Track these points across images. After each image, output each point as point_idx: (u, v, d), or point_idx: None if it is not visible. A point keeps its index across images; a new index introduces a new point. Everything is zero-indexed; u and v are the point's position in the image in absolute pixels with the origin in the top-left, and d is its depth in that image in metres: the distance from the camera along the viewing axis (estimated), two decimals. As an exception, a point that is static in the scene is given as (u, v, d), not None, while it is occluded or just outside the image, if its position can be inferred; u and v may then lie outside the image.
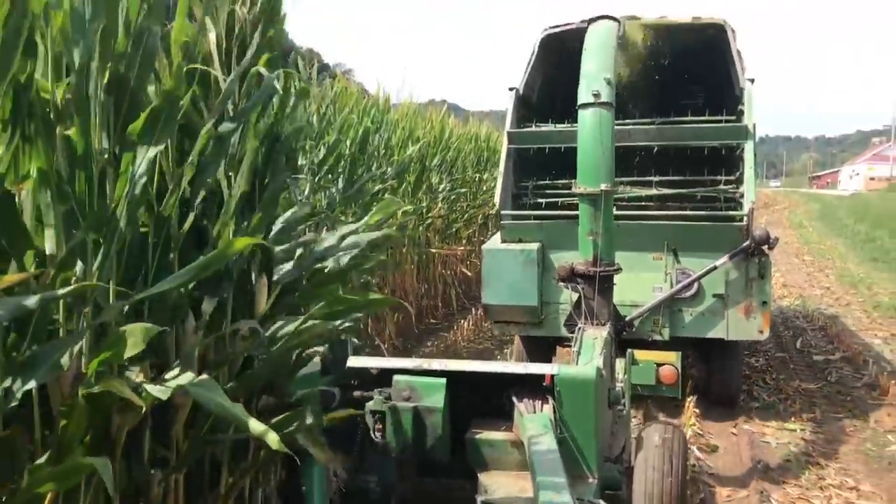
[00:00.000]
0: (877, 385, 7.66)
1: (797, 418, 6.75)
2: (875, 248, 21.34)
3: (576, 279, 4.90)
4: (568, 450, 3.33)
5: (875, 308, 12.33)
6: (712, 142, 6.80)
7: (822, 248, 22.50)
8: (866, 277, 15.85)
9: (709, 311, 6.32)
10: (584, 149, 4.90)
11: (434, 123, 12.06)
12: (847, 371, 8.32)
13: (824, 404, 7.18)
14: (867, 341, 9.78)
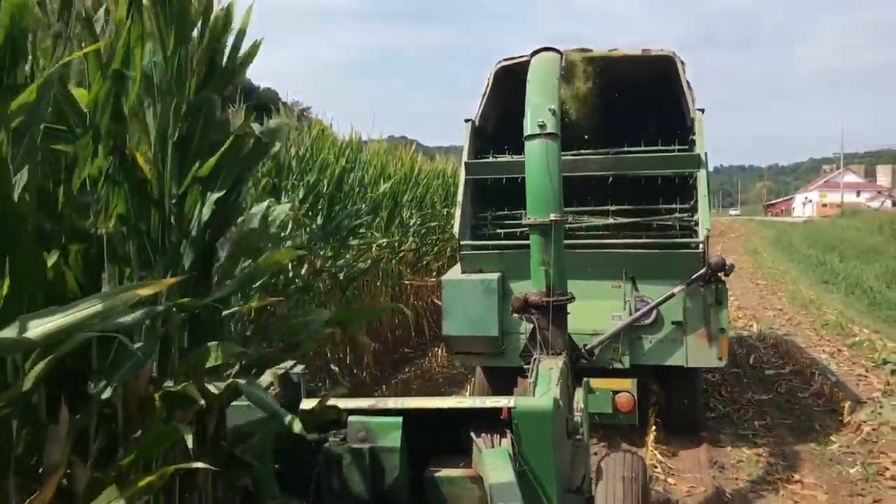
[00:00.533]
0: (822, 394, 8.33)
1: (749, 425, 7.35)
2: (826, 272, 22.33)
3: (529, 310, 4.91)
4: (528, 483, 3.33)
5: (823, 326, 13.10)
6: (666, 171, 6.94)
7: (776, 272, 23.44)
8: (816, 299, 16.69)
9: (668, 339, 6.36)
10: (532, 179, 4.96)
11: (404, 161, 12.66)
12: (796, 383, 8.98)
13: (775, 412, 7.81)
14: (815, 356, 10.49)
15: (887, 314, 14.14)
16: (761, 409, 7.87)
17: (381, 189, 10.41)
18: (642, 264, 6.44)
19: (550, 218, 4.82)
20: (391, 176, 11.30)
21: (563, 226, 4.97)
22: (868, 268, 21.31)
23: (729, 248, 34.82)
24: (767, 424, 7.37)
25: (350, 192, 9.62)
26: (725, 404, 8.07)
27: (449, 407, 3.65)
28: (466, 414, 3.56)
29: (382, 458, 3.40)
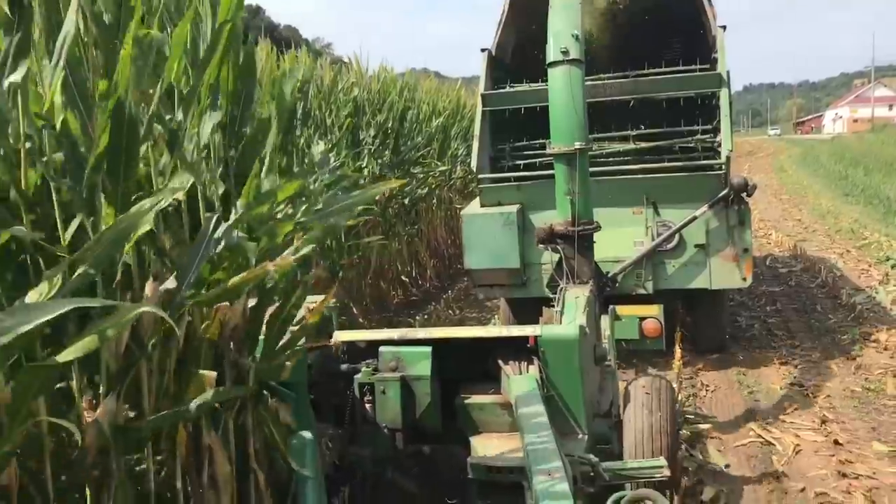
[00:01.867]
0: (826, 284, 9.69)
1: (762, 310, 8.76)
2: (847, 185, 23.34)
3: (555, 240, 4.90)
4: (556, 408, 3.41)
5: (837, 232, 14.37)
6: (687, 92, 6.86)
7: (800, 187, 24.49)
8: (835, 210, 17.86)
9: (691, 262, 6.39)
10: (556, 107, 4.87)
11: (451, 98, 13.95)
12: (805, 277, 10.35)
13: (784, 300, 9.20)
14: (825, 257, 11.79)
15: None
16: (773, 298, 9.25)
17: (434, 124, 11.74)
18: (663, 189, 6.41)
19: (575, 146, 4.74)
20: (441, 112, 12.61)
21: (587, 154, 4.90)
22: (889, 179, 22.24)
23: (756, 166, 35.73)
24: (777, 308, 8.77)
25: (411, 127, 10.97)
26: (742, 294, 9.45)
27: (476, 336, 3.74)
28: (494, 342, 3.66)
29: (413, 386, 3.51)
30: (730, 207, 6.24)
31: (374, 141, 9.64)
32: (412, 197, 10.65)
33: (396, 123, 10.40)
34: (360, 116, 9.31)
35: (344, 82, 9.32)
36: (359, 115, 9.25)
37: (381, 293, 9.98)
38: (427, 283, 11.39)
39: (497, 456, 3.27)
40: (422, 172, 11.12)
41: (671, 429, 3.80)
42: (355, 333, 3.75)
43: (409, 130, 10.82)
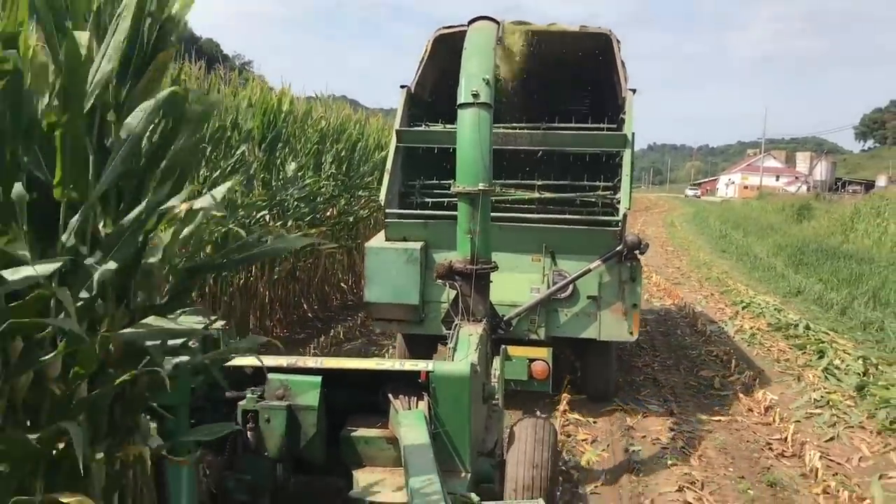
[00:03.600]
0: (689, 316, 11.99)
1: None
2: (726, 243, 26.39)
3: (453, 276, 4.96)
4: (442, 445, 3.41)
5: (707, 280, 16.93)
6: (593, 149, 7.11)
7: (685, 242, 27.43)
8: (710, 262, 20.57)
9: (583, 312, 6.52)
10: (463, 148, 4.96)
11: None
12: (673, 310, 12.66)
13: (654, 324, 11.41)
14: (693, 297, 14.19)
15: (761, 275, 18.00)
16: (645, 322, 11.43)
17: (378, 156, 13.60)
18: (562, 239, 6.56)
19: (479, 187, 4.86)
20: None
21: (490, 195, 5.02)
22: (761, 241, 25.35)
23: (650, 221, 39.02)
24: (647, 330, 10.94)
25: (360, 157, 12.79)
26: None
27: (368, 368, 3.74)
28: (385, 375, 3.66)
29: (300, 415, 3.45)
30: (622, 263, 6.44)
31: (331, 166, 11.43)
32: (356, 216, 12.44)
33: (349, 153, 12.23)
34: (323, 144, 11.09)
35: (315, 115, 11.08)
36: (323, 142, 11.04)
37: (325, 295, 11.70)
38: (361, 291, 13.12)
39: (379, 490, 3.27)
40: (364, 197, 12.93)
41: (552, 470, 3.90)
42: (243, 359, 3.46)
43: (359, 159, 12.64)
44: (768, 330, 11.04)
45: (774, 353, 9.70)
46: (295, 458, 3.56)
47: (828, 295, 14.07)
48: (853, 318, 12.08)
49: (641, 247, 6.34)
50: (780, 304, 13.31)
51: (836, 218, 28.39)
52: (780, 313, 12.18)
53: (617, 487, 5.37)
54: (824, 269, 17.23)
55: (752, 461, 6.03)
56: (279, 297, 10.02)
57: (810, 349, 9.68)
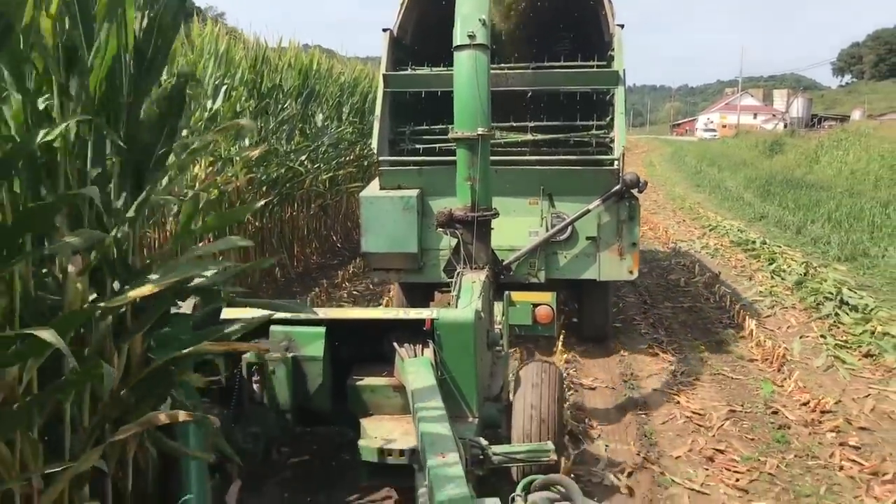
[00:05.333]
0: (660, 238, 13.86)
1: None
2: (700, 178, 28.28)
3: (454, 224, 4.91)
4: (448, 391, 3.43)
5: (680, 209, 18.84)
6: (585, 87, 6.97)
7: (663, 179, 29.26)
8: (684, 195, 22.44)
9: (582, 254, 6.46)
10: (461, 92, 4.86)
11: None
12: (649, 234, 14.53)
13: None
14: (667, 223, 16.06)
15: (730, 204, 19.88)
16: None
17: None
18: (559, 181, 6.48)
19: (478, 132, 4.80)
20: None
21: (489, 140, 4.96)
22: (733, 175, 27.23)
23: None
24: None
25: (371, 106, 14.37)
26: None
27: (372, 317, 3.76)
28: (389, 324, 3.65)
29: (305, 366, 3.46)
30: (621, 203, 6.37)
31: (349, 115, 13.08)
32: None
33: (362, 103, 13.86)
34: (343, 97, 12.73)
35: (337, 70, 12.70)
36: (343, 95, 12.67)
37: (348, 229, 13.44)
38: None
39: (388, 438, 3.27)
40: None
41: (558, 414, 3.92)
42: (244, 311, 3.39)
43: (369, 109, 14.26)
44: (730, 246, 12.95)
45: (733, 262, 11.62)
46: (301, 409, 3.54)
47: (787, 218, 15.94)
48: (806, 235, 13.95)
49: (640, 185, 6.30)
50: (744, 226, 15.17)
51: (802, 152, 30.34)
52: (742, 233, 14.06)
53: (623, 424, 5.48)
54: (788, 198, 19.12)
55: (706, 331, 7.93)
56: (313, 230, 11.76)
57: (763, 258, 11.56)
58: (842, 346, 7.27)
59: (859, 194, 19.06)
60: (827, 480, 4.63)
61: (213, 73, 8.14)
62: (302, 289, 9.58)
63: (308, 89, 10.75)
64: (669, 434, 5.32)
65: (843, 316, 8.16)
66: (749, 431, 5.36)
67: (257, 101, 9.15)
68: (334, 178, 12.02)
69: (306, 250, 11.31)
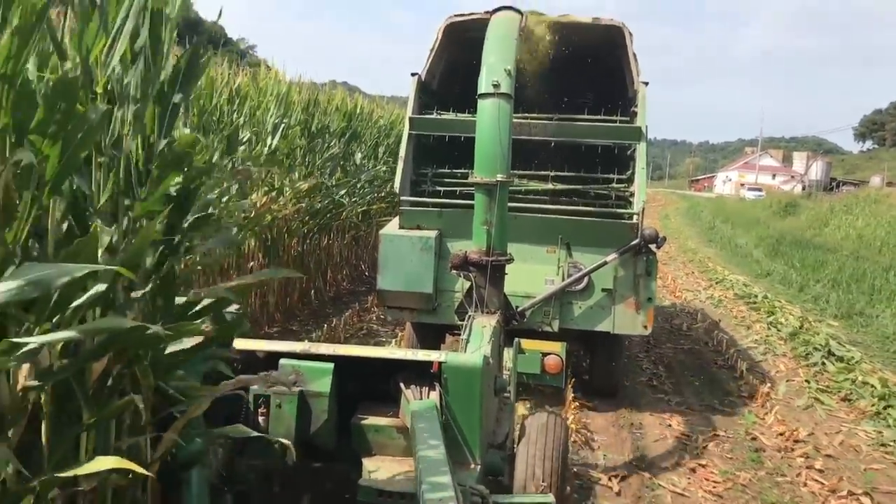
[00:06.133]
0: (668, 287, 14.69)
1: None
2: (713, 234, 29.11)
3: (468, 267, 4.94)
4: (452, 436, 3.42)
5: (691, 262, 19.65)
6: (607, 141, 7.06)
7: (677, 233, 30.10)
8: (696, 249, 23.28)
9: (597, 305, 6.48)
10: (482, 138, 4.93)
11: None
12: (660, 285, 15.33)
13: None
14: (677, 274, 16.89)
15: (738, 260, 20.71)
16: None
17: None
18: (578, 231, 6.52)
19: (497, 178, 4.87)
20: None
21: (508, 187, 5.02)
22: (746, 233, 28.02)
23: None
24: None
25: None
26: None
27: (380, 356, 3.75)
28: (397, 364, 3.67)
29: (311, 402, 3.47)
30: (638, 257, 6.42)
31: (384, 155, 14.10)
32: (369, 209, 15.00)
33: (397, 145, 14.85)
34: (380, 137, 13.77)
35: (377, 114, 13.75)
36: (380, 136, 13.71)
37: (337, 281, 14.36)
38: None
39: (388, 479, 3.29)
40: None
41: (562, 466, 3.93)
42: (255, 343, 3.64)
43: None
44: (733, 298, 13.77)
45: (734, 312, 12.45)
46: (305, 444, 3.54)
47: (792, 276, 16.74)
48: (808, 293, 14.75)
49: (659, 240, 6.33)
50: (750, 281, 15.98)
51: (815, 214, 31.12)
52: (747, 288, 14.87)
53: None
54: (795, 258, 19.92)
55: (702, 369, 8.76)
56: (345, 258, 12.71)
57: (763, 311, 12.37)
58: (823, 390, 8.08)
59: (864, 258, 19.82)
60: (791, 493, 5.45)
61: (273, 113, 9.14)
62: (334, 311, 10.48)
63: (351, 130, 11.78)
64: (660, 450, 6.15)
65: (829, 365, 8.96)
66: (729, 452, 6.18)
67: (308, 140, 10.16)
68: (367, 211, 13.00)
69: (338, 276, 12.23)
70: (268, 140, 8.86)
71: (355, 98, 12.40)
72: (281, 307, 9.75)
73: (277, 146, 8.90)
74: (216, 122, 7.86)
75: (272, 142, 8.90)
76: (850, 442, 6.58)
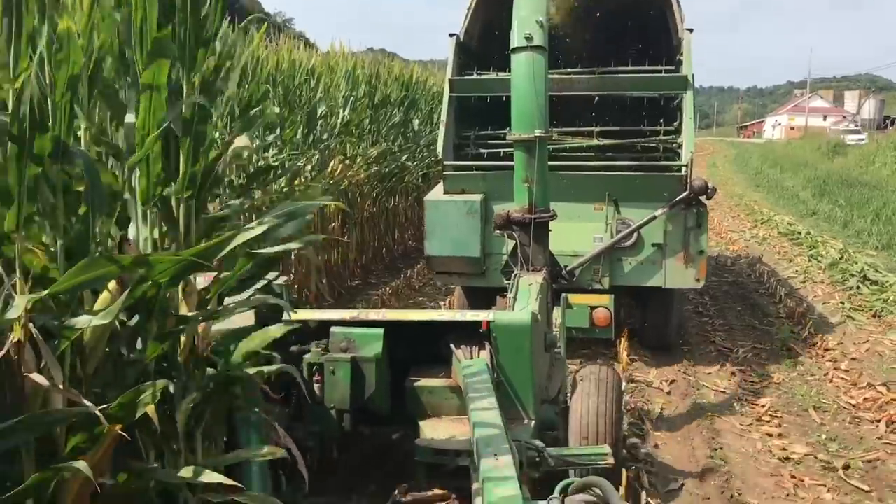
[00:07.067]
0: (715, 227, 15.46)
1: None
2: (760, 178, 29.47)
3: (511, 226, 4.93)
4: (505, 393, 3.48)
5: (737, 206, 20.30)
6: (652, 92, 6.95)
7: (724, 179, 30.52)
8: (742, 194, 23.82)
9: (647, 261, 6.43)
10: (518, 94, 4.86)
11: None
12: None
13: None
14: (721, 216, 17.61)
15: (784, 202, 21.24)
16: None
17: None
18: (625, 187, 6.45)
19: (535, 134, 4.80)
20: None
21: (547, 142, 4.95)
22: (794, 176, 28.32)
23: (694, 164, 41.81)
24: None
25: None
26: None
27: (429, 319, 3.80)
28: (446, 326, 3.72)
29: (364, 367, 3.52)
30: (688, 209, 6.30)
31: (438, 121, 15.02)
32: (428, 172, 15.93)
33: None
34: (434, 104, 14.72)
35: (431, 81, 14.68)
36: (434, 102, 14.67)
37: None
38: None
39: (444, 439, 3.33)
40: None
41: (616, 417, 3.91)
42: (306, 313, 3.72)
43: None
44: (777, 236, 14.52)
45: (777, 248, 13.23)
46: (360, 410, 3.60)
47: (836, 214, 17.31)
48: (851, 228, 15.37)
49: (709, 191, 6.21)
50: (794, 221, 16.62)
51: (862, 154, 31.19)
52: (791, 226, 15.54)
53: (670, 356, 6.63)
54: (841, 196, 20.38)
55: (744, 297, 9.67)
56: (409, 219, 13.78)
57: (805, 246, 13.11)
58: (856, 309, 8.90)
59: (909, 193, 20.23)
60: (818, 388, 6.39)
61: (343, 88, 10.17)
62: (405, 265, 11.57)
63: (409, 99, 12.76)
64: (704, 360, 7.13)
65: (863, 288, 9.74)
66: (766, 359, 7.13)
67: (373, 111, 11.19)
68: (427, 174, 14.00)
69: (405, 235, 13.32)
70: (340, 113, 9.89)
71: (411, 68, 13.32)
72: (359, 263, 10.87)
73: (349, 118, 9.93)
74: (298, 99, 8.89)
75: (343, 114, 9.93)
76: (875, 349, 7.44)
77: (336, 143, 9.75)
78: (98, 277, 2.18)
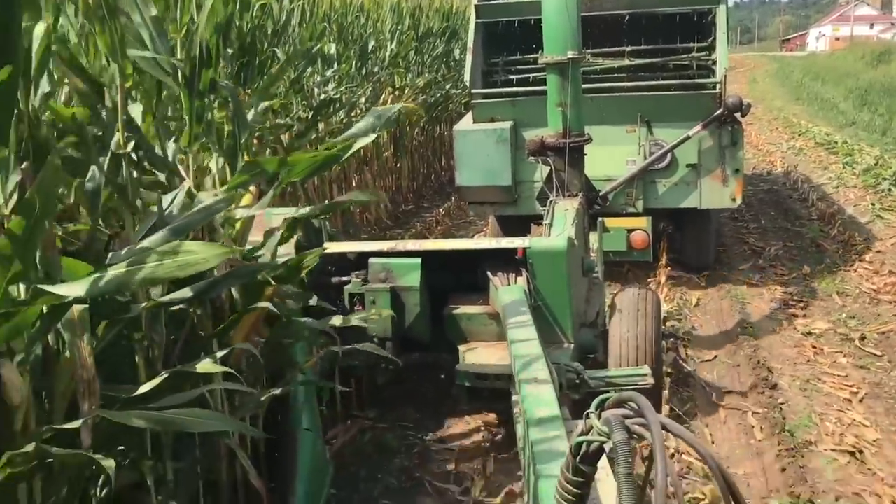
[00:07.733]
0: (753, 140, 15.80)
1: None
2: (801, 91, 29.30)
3: (546, 152, 4.89)
4: (543, 317, 3.52)
5: (776, 119, 20.46)
6: (685, 7, 6.73)
7: (765, 94, 30.40)
8: (782, 107, 23.86)
9: (682, 182, 6.35)
10: (549, 14, 4.76)
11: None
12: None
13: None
14: (760, 129, 17.89)
15: (824, 114, 21.33)
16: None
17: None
18: (657, 107, 6.36)
19: (568, 56, 4.71)
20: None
21: (580, 64, 4.87)
22: (836, 88, 28.11)
23: (732, 78, 40.94)
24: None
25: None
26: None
27: (466, 248, 3.88)
28: (483, 254, 3.79)
29: (403, 296, 3.63)
30: (723, 127, 6.21)
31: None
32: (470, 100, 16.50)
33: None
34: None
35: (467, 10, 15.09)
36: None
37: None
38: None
39: (484, 363, 3.44)
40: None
41: (655, 338, 3.91)
42: (345, 245, 3.78)
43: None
44: (814, 147, 14.84)
45: (812, 157, 13.60)
46: (401, 338, 3.67)
47: (876, 123, 17.45)
48: (889, 136, 15.58)
49: (743, 108, 6.08)
50: (833, 131, 16.85)
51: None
52: (829, 136, 15.81)
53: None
54: (882, 105, 20.40)
55: (778, 203, 10.22)
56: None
57: (841, 154, 13.46)
58: (886, 209, 9.38)
59: (952, 98, 20.18)
60: (842, 276, 7.00)
61: (389, 22, 10.74)
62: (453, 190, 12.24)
63: (450, 30, 13.25)
64: (738, 258, 7.78)
65: (894, 190, 10.19)
66: (796, 255, 7.75)
67: (418, 43, 11.73)
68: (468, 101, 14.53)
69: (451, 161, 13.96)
70: (388, 46, 10.48)
71: (450, -1, 13.80)
72: (412, 188, 11.59)
73: (396, 51, 10.52)
74: (350, 35, 9.49)
75: (391, 47, 10.52)
76: (900, 243, 8.00)
77: (386, 76, 10.36)
78: (254, 176, 2.87)
